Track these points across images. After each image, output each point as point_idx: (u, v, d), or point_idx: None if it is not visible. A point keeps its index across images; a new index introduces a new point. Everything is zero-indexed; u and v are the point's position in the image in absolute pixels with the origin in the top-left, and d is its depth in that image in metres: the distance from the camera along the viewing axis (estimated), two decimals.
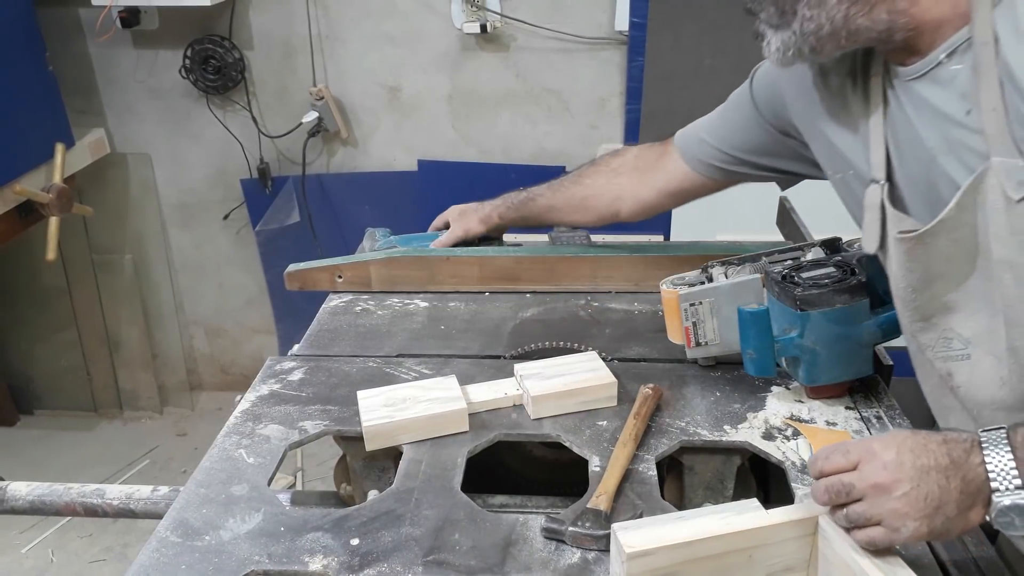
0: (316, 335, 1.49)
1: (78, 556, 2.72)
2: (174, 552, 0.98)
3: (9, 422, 3.46)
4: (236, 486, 1.09)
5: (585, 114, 2.86)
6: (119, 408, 3.51)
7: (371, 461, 1.22)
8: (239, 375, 3.53)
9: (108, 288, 3.32)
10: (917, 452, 0.80)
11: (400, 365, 1.36)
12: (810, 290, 1.13)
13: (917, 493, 0.78)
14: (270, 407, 1.26)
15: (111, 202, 3.16)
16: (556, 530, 0.99)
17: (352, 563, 0.96)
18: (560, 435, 1.18)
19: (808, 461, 0.89)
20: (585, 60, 2.77)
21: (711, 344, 1.27)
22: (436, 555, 0.97)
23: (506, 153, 2.95)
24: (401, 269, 1.61)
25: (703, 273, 1.29)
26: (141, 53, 2.93)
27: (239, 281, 3.34)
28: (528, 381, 1.22)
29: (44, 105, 2.64)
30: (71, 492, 1.27)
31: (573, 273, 1.61)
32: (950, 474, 0.78)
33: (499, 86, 2.85)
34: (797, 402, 1.23)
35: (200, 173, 3.13)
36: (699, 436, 1.17)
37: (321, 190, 3.05)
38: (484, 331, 1.48)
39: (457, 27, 2.73)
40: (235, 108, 2.97)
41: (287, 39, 2.86)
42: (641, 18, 2.63)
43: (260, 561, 0.96)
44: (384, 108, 2.93)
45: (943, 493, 0.78)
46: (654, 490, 1.07)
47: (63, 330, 3.38)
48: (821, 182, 1.23)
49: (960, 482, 0.78)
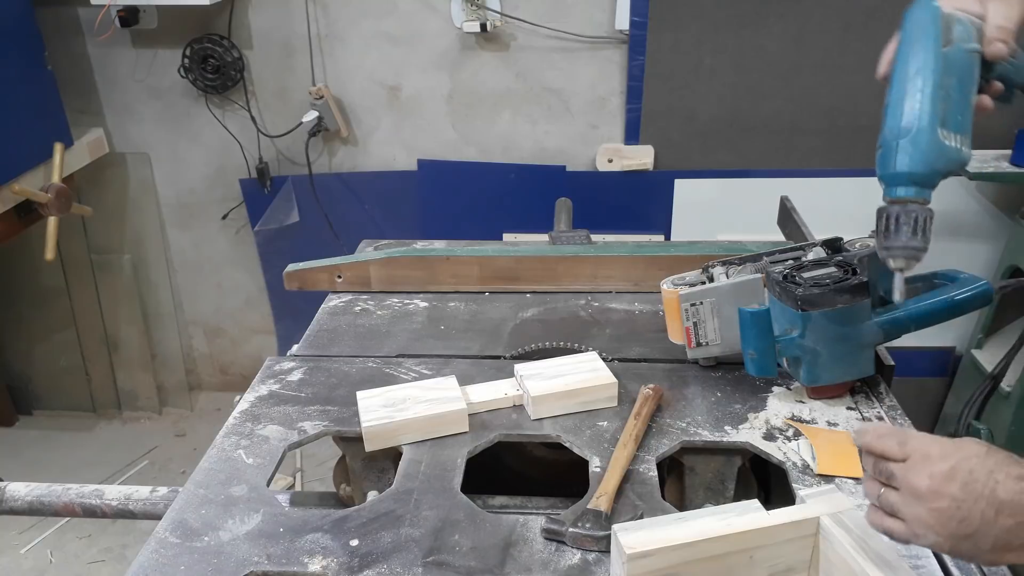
0: (315, 335, 1.49)
1: (77, 557, 2.72)
2: (173, 553, 0.98)
3: (8, 422, 3.46)
4: (235, 487, 1.09)
5: (585, 113, 2.85)
6: (118, 408, 3.50)
7: (371, 462, 1.21)
8: (238, 375, 3.53)
9: (107, 288, 3.31)
10: (976, 474, 0.72)
11: (400, 365, 1.36)
12: (811, 290, 1.13)
13: (953, 514, 0.72)
14: (269, 408, 1.26)
15: (110, 202, 3.16)
16: (556, 531, 0.99)
17: (351, 564, 0.95)
18: (560, 435, 1.18)
19: (857, 428, 0.84)
20: (585, 59, 2.77)
21: (712, 344, 1.26)
22: (436, 556, 0.97)
23: (506, 152, 2.94)
24: (401, 269, 1.61)
25: (704, 273, 1.29)
26: (140, 52, 2.93)
27: (238, 281, 3.34)
28: (528, 381, 1.22)
29: (43, 105, 2.64)
30: (70, 493, 1.26)
31: (573, 273, 1.60)
32: (1003, 511, 0.71)
33: (499, 85, 2.85)
34: (798, 402, 1.23)
35: (199, 173, 3.13)
36: (700, 436, 1.16)
37: (322, 189, 3.05)
38: (484, 331, 1.48)
39: (457, 26, 2.73)
40: (234, 108, 2.97)
41: (286, 38, 2.85)
42: (641, 17, 2.63)
43: (259, 562, 0.96)
44: (384, 107, 2.93)
45: (983, 525, 0.71)
46: (655, 491, 1.06)
47: (62, 330, 3.38)
48: (821, 182, 1.23)
49: (1013, 523, 0.71)
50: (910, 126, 0.89)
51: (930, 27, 0.93)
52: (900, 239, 0.91)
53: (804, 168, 2.71)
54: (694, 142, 2.77)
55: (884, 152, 0.92)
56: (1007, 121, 2.58)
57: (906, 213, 0.91)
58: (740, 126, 2.74)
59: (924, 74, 0.91)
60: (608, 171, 2.85)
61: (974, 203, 2.74)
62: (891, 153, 0.91)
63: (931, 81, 0.90)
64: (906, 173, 0.90)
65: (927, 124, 0.89)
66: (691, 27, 2.64)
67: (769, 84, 2.67)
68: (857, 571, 0.82)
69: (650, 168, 2.82)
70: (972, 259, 2.78)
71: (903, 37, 0.96)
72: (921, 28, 0.93)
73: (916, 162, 0.90)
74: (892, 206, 0.92)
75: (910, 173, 0.90)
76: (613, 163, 2.84)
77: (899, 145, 0.90)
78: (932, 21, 0.93)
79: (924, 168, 0.90)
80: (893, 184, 0.91)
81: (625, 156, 2.82)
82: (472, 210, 3.00)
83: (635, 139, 2.80)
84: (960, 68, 0.92)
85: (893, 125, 0.92)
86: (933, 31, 0.92)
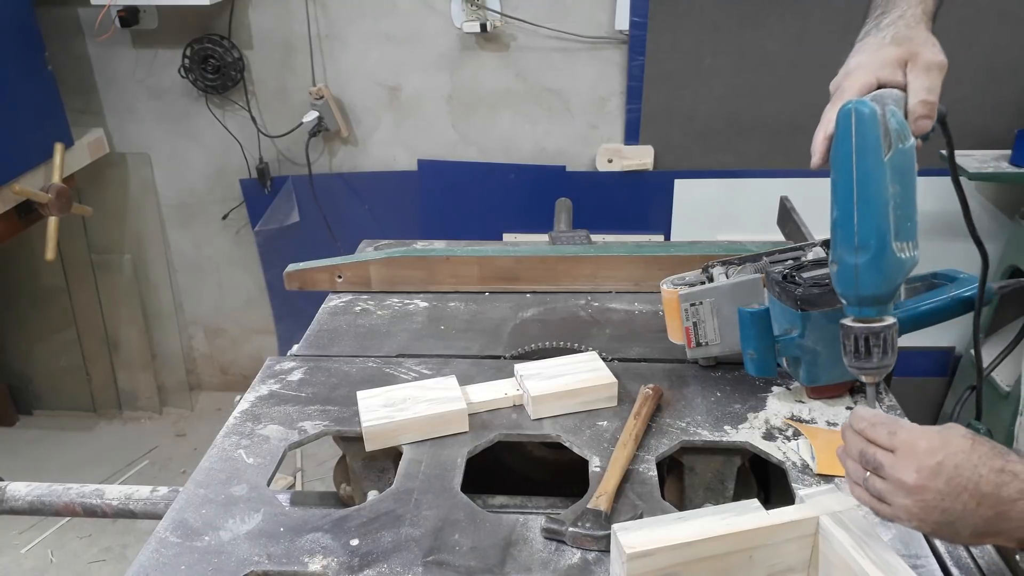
0: (316, 335, 1.49)
1: (77, 557, 2.72)
2: (173, 552, 0.98)
3: (8, 422, 3.46)
4: (235, 486, 1.09)
5: (585, 113, 2.85)
6: (118, 408, 3.51)
7: (371, 461, 1.21)
8: (238, 375, 3.53)
9: (107, 288, 3.31)
10: (962, 469, 0.76)
11: (400, 365, 1.36)
12: (811, 290, 1.13)
13: (937, 505, 0.77)
14: (269, 407, 1.26)
15: (110, 202, 3.16)
16: (556, 531, 0.99)
17: (352, 563, 0.96)
18: (560, 435, 1.18)
19: (853, 413, 0.86)
20: (585, 59, 2.77)
21: (711, 344, 1.26)
22: (436, 556, 0.97)
23: (506, 153, 2.94)
24: (401, 269, 1.61)
25: (703, 273, 1.29)
26: (140, 52, 2.93)
27: (238, 281, 3.34)
28: (528, 381, 1.22)
29: (43, 105, 2.64)
30: (70, 492, 1.27)
31: (573, 273, 1.60)
32: (984, 503, 0.75)
33: (499, 85, 2.85)
34: (798, 402, 1.23)
35: (199, 173, 3.13)
36: (699, 436, 1.17)
37: (322, 189, 3.05)
38: (484, 331, 1.48)
39: (457, 26, 2.73)
40: (234, 108, 2.97)
41: (287, 38, 2.85)
42: (641, 17, 2.63)
43: (259, 561, 0.96)
44: (384, 107, 2.93)
45: (965, 514, 0.76)
46: (654, 490, 1.07)
47: (62, 330, 3.38)
48: (821, 182, 1.23)
49: (992, 513, 0.75)
50: (867, 248, 0.87)
51: (871, 138, 0.87)
52: (872, 361, 0.92)
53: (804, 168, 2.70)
54: (694, 142, 2.78)
55: (842, 271, 0.91)
56: (1007, 121, 2.58)
57: (874, 335, 0.91)
58: (740, 126, 2.74)
59: (871, 191, 0.87)
60: (608, 171, 2.85)
61: (974, 203, 2.74)
62: (851, 274, 0.89)
63: (880, 199, 0.87)
64: (870, 296, 0.91)
65: (884, 245, 0.88)
66: (691, 27, 2.64)
67: (769, 84, 2.67)
68: (857, 571, 0.82)
69: (650, 168, 2.82)
70: (972, 259, 2.77)
71: (840, 143, 0.89)
72: (862, 139, 0.87)
73: (878, 284, 0.89)
74: (857, 326, 0.92)
75: (874, 296, 0.90)
76: (613, 163, 2.84)
77: (859, 268, 0.88)
78: (872, 130, 0.87)
79: (886, 288, 0.90)
80: (856, 305, 0.92)
81: (625, 156, 2.82)
82: (472, 210, 3.00)
83: (635, 139, 2.80)
84: (903, 171, 0.89)
85: (847, 245, 0.89)
86: (874, 143, 0.87)
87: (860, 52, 0.98)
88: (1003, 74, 2.57)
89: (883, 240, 0.88)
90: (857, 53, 0.99)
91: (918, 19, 0.97)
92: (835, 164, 0.91)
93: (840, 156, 0.90)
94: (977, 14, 2.50)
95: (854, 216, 0.88)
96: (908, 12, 0.98)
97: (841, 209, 0.89)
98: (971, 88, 2.57)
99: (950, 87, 0.96)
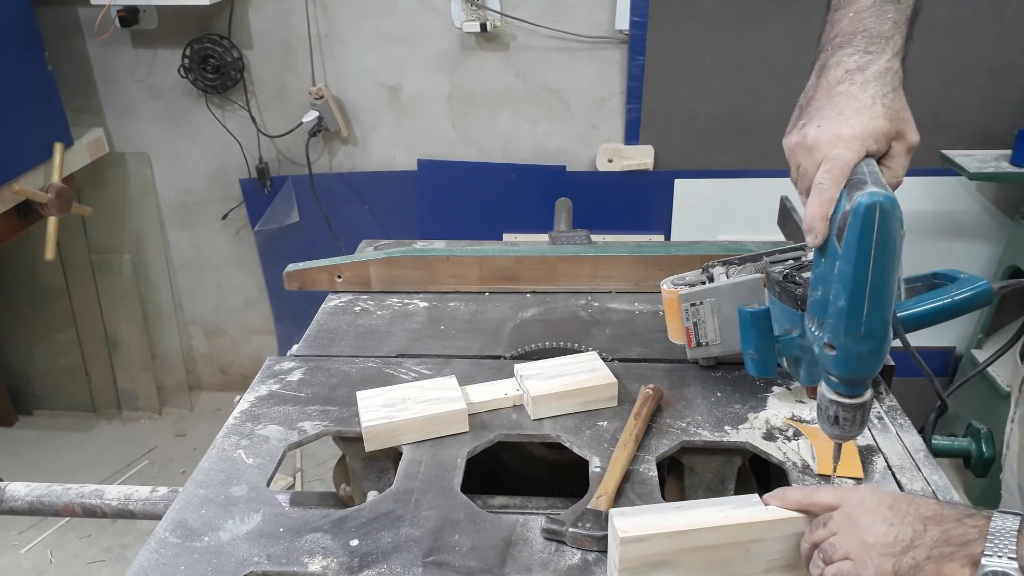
0: (315, 335, 1.48)
1: (77, 557, 2.72)
2: (173, 553, 0.98)
3: (8, 422, 3.46)
4: (235, 487, 1.09)
5: (585, 113, 2.85)
6: (118, 408, 3.51)
7: (371, 462, 1.21)
8: (238, 375, 3.53)
9: (107, 288, 3.31)
10: (899, 499, 0.82)
11: (400, 365, 1.36)
12: None
13: (888, 530, 0.79)
14: (269, 407, 1.25)
15: (110, 202, 3.16)
16: (556, 531, 0.99)
17: (351, 564, 0.95)
18: (560, 435, 1.17)
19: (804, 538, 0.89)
20: (585, 59, 2.77)
21: (712, 344, 1.26)
22: (436, 556, 0.97)
23: (506, 152, 2.94)
24: (401, 269, 1.61)
25: (703, 273, 1.29)
26: (140, 52, 2.93)
27: (238, 281, 3.34)
28: (528, 381, 1.22)
29: (43, 104, 2.64)
30: (70, 493, 1.26)
31: (573, 273, 1.60)
32: (930, 524, 0.79)
33: (499, 85, 2.85)
34: (798, 402, 1.23)
35: (199, 173, 3.13)
36: (700, 436, 1.16)
37: (322, 189, 3.05)
38: (484, 331, 1.48)
39: (457, 26, 2.73)
40: (234, 107, 2.97)
41: (286, 38, 2.85)
42: (642, 17, 2.64)
43: (259, 562, 0.96)
44: (384, 107, 2.93)
45: (916, 536, 0.79)
46: (655, 491, 1.06)
47: (62, 330, 3.38)
48: None
49: (940, 532, 0.78)
50: (872, 337, 0.87)
51: (894, 234, 0.84)
52: (854, 431, 0.95)
53: None
54: (694, 142, 2.78)
55: (843, 358, 0.90)
56: (1007, 121, 2.58)
57: (863, 410, 0.94)
58: (740, 126, 2.74)
59: (885, 283, 0.86)
60: (608, 171, 2.85)
61: (974, 203, 2.74)
62: (853, 362, 0.90)
63: (891, 290, 0.87)
64: (865, 379, 0.93)
65: (887, 333, 0.89)
66: (691, 27, 2.64)
67: (769, 84, 2.67)
68: None
69: (650, 168, 2.82)
70: (972, 259, 2.78)
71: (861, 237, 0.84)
72: (885, 234, 0.83)
73: (875, 368, 0.91)
74: (845, 401, 0.93)
75: (868, 378, 0.93)
76: (613, 163, 2.84)
77: (862, 355, 0.89)
78: (896, 228, 0.84)
79: (878, 370, 0.92)
80: (848, 386, 0.93)
81: (625, 156, 2.82)
82: (472, 210, 3.00)
83: (635, 139, 2.80)
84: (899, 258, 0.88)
85: (852, 334, 0.88)
86: (896, 239, 0.84)
87: (847, 113, 0.92)
88: (1003, 74, 2.57)
89: (886, 328, 0.88)
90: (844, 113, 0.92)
91: (900, 80, 0.92)
92: (848, 255, 0.86)
93: (857, 249, 0.85)
94: (977, 14, 2.50)
95: (863, 308, 0.86)
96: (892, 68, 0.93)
97: (850, 299, 0.87)
98: (971, 88, 2.57)
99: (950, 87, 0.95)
